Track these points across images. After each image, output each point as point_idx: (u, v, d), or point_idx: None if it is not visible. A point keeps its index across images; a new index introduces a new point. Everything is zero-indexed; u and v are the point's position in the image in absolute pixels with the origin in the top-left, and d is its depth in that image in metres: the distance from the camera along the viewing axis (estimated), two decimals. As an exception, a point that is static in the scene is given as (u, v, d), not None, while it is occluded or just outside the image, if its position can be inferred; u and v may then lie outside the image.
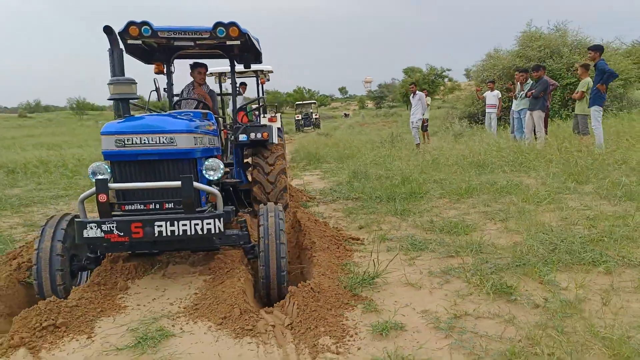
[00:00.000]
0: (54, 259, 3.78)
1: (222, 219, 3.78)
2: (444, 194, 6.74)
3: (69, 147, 19.74)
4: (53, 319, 3.21)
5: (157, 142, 3.79)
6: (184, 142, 3.84)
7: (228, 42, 5.52)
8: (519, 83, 11.51)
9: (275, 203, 5.80)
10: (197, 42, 5.58)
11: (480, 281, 3.53)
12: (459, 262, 4.06)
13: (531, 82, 11.25)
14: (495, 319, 3.02)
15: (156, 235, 3.59)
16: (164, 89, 6.49)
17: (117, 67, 4.52)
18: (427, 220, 5.55)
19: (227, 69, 12.21)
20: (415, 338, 2.89)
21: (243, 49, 6.13)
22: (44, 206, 7.47)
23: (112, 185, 3.67)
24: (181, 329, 3.21)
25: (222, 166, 4.15)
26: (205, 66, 6.42)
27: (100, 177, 3.95)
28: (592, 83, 9.89)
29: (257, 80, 12.75)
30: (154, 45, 5.69)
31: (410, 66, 58.79)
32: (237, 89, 12.91)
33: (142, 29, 5.11)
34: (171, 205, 3.82)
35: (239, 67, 12.46)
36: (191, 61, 6.66)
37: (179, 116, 4.32)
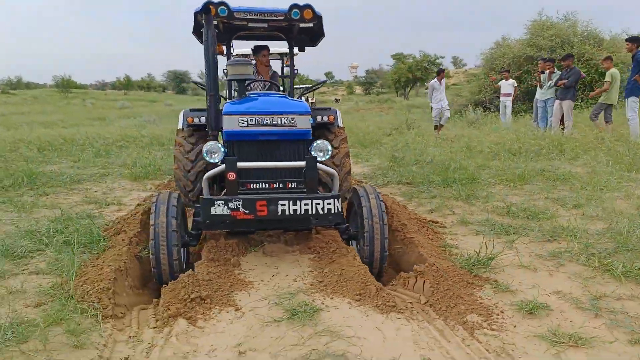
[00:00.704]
0: (170, 234, 3.81)
1: (339, 199, 3.86)
2: (499, 180, 6.88)
3: (66, 126, 19.57)
4: (197, 292, 3.27)
5: (279, 122, 3.84)
6: (303, 123, 3.89)
7: (301, 25, 5.57)
8: (547, 72, 11.68)
9: (340, 186, 5.88)
10: (270, 24, 5.60)
11: (600, 264, 3.67)
12: (561, 246, 4.20)
13: (558, 72, 11.45)
14: (636, 300, 3.17)
15: (279, 213, 3.66)
16: (224, 70, 6.49)
17: (211, 48, 4.53)
18: (496, 205, 5.68)
19: (249, 50, 12.14)
20: (565, 317, 3.02)
21: (306, 32, 6.15)
22: (95, 184, 7.41)
23: (240, 164, 3.69)
24: (322, 303, 3.29)
25: (330, 147, 4.21)
26: (268, 48, 6.40)
27: (214, 156, 4.00)
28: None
29: (282, 63, 12.68)
30: (219, 26, 5.68)
31: (399, 52, 58.91)
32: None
33: (219, 9, 5.14)
34: (294, 184, 3.87)
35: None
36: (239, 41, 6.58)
37: (289, 98, 4.36)
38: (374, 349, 2.72)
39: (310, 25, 5.67)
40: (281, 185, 3.88)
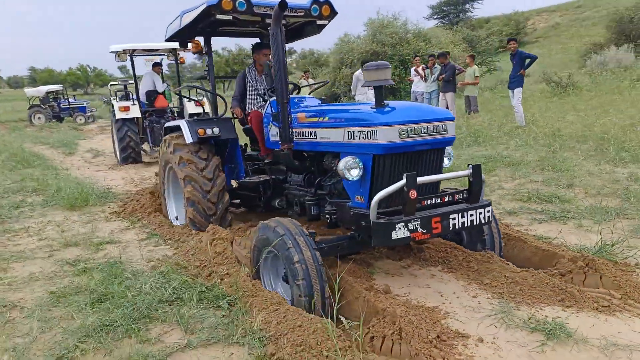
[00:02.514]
0: (319, 269, 3.26)
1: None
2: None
3: None
4: (431, 329, 2.86)
5: (436, 130, 3.52)
6: (452, 129, 3.63)
7: (318, 22, 5.25)
8: (428, 66, 12.77)
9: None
10: (289, 19, 5.14)
11: None
12: (632, 224, 4.69)
13: (438, 66, 12.63)
14: None
15: (451, 228, 3.39)
16: (205, 70, 5.68)
17: (281, 48, 4.00)
18: (507, 193, 6.07)
19: (136, 45, 10.75)
20: None
21: (293, 29, 5.78)
22: (25, 220, 5.75)
23: (420, 179, 3.27)
24: (545, 315, 3.14)
25: (452, 152, 4.03)
26: (270, 47, 5.75)
27: (354, 173, 3.49)
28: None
29: (176, 60, 11.44)
30: (200, 21, 5.03)
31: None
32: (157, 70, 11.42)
33: (237, 3, 4.62)
34: (460, 196, 3.58)
35: (151, 44, 11.12)
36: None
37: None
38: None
39: (327, 22, 5.36)
40: (450, 198, 3.55)
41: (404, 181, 3.18)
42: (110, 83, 38.51)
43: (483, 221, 3.53)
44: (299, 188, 4.59)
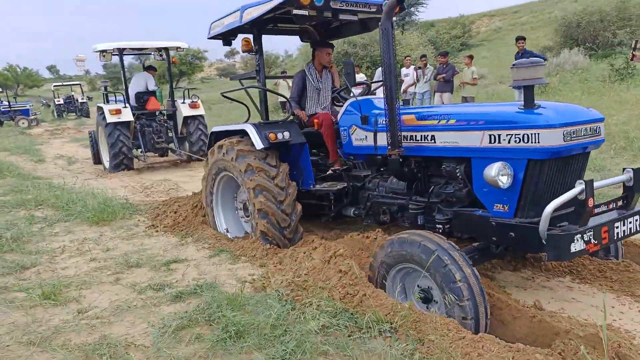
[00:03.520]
0: (481, 287, 2.95)
1: None
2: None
3: None
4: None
5: (592, 132, 3.26)
6: (603, 131, 3.38)
7: None
8: (420, 67, 12.63)
9: None
10: (360, 15, 4.81)
11: None
12: None
13: (431, 67, 12.54)
14: None
15: (615, 238, 3.15)
16: (256, 70, 5.19)
17: (391, 44, 3.69)
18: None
19: (125, 44, 10.01)
20: None
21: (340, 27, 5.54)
22: (49, 238, 5.03)
23: (597, 183, 3.00)
24: None
25: None
26: (333, 46, 5.33)
27: (506, 180, 3.16)
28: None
29: (168, 59, 10.65)
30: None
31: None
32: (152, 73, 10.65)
33: None
34: (621, 202, 3.32)
35: (140, 43, 10.41)
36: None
37: None
38: None
39: (395, 19, 5.08)
40: (614, 205, 3.29)
41: (580, 187, 2.89)
42: (54, 84, 36.40)
43: (638, 229, 3.31)
44: (395, 196, 4.21)
